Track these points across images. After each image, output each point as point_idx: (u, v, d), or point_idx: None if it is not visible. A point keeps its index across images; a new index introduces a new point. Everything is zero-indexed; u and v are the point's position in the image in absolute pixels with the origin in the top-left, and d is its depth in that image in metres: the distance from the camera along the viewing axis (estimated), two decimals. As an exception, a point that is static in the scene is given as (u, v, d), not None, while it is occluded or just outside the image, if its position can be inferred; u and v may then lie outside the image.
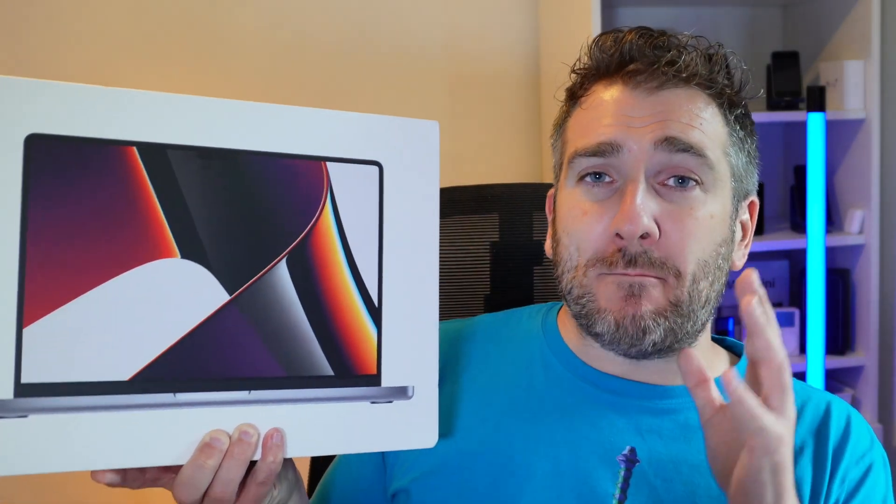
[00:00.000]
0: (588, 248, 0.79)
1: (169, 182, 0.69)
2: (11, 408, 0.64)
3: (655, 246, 0.76)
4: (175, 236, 0.69)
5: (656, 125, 0.78)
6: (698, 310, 0.79)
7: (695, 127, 0.78)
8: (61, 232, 0.66)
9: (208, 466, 0.68)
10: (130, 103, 0.68)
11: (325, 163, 0.74)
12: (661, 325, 0.77)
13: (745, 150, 0.83)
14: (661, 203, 0.77)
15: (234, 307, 0.70)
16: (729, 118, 0.82)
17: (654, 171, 0.78)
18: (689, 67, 0.79)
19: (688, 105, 0.79)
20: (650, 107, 0.78)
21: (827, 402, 0.86)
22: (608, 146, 0.78)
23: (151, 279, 0.68)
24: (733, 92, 0.82)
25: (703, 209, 0.78)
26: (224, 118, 0.71)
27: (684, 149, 0.77)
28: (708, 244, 0.78)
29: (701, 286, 0.78)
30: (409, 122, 0.77)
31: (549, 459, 0.80)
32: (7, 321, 0.64)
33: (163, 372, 0.68)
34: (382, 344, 0.75)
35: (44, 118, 0.65)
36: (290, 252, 0.72)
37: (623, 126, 0.78)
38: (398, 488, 0.85)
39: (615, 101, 0.80)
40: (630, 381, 0.83)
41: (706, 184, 0.78)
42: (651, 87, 0.79)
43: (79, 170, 0.66)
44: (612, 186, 0.79)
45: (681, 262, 0.77)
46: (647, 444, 0.80)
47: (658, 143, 0.77)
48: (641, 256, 0.76)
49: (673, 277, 0.77)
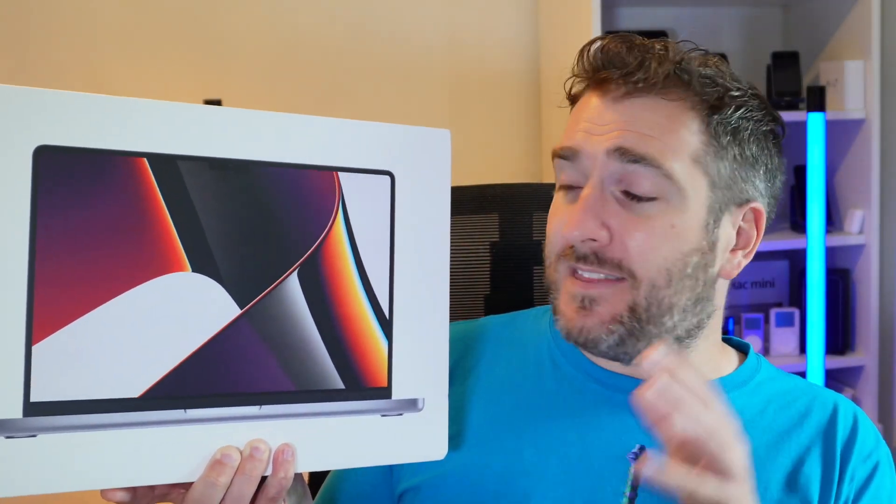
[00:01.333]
0: (553, 246, 0.81)
1: (180, 194, 0.67)
2: (20, 427, 0.62)
3: (608, 248, 0.77)
4: (186, 250, 0.67)
5: (612, 134, 0.78)
6: (661, 316, 0.78)
7: (653, 137, 0.77)
8: (71, 246, 0.64)
9: (220, 483, 0.67)
10: (140, 113, 0.66)
11: (337, 173, 0.73)
12: (615, 332, 0.78)
13: (731, 156, 0.81)
14: (618, 211, 0.78)
15: (245, 321, 0.69)
16: (707, 125, 0.80)
17: (615, 179, 0.78)
18: (652, 77, 0.78)
19: (650, 115, 0.78)
20: (611, 116, 0.79)
21: (834, 401, 0.86)
22: (569, 150, 0.80)
23: (162, 294, 0.67)
24: (716, 98, 0.80)
25: (661, 219, 0.77)
26: (235, 128, 0.69)
27: (635, 160, 0.77)
28: (670, 253, 0.78)
29: (662, 294, 0.78)
30: (420, 131, 0.77)
31: (560, 458, 0.81)
32: (16, 338, 0.62)
33: (174, 388, 0.67)
34: (393, 356, 0.74)
35: (53, 129, 0.64)
36: (301, 264, 0.71)
37: (585, 133, 0.80)
38: (406, 487, 0.85)
39: (587, 107, 0.81)
40: (639, 380, 0.82)
41: (666, 195, 0.78)
42: (617, 96, 0.79)
43: (88, 182, 0.65)
44: (580, 191, 0.80)
45: (636, 266, 0.77)
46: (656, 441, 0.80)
47: (610, 152, 0.77)
48: (590, 256, 0.78)
49: (630, 278, 0.77)
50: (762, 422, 0.83)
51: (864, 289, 2.21)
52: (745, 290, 2.39)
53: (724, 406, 0.68)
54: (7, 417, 0.62)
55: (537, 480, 0.80)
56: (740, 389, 0.85)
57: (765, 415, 0.84)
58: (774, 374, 0.88)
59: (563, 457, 0.81)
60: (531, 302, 1.09)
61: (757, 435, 0.82)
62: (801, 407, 0.85)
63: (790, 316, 2.24)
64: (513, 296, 1.10)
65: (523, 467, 0.81)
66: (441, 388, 0.77)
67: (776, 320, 2.24)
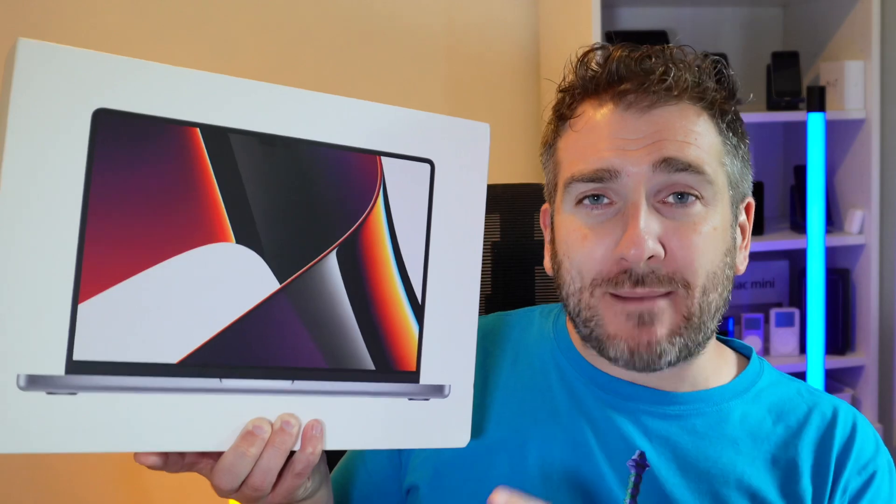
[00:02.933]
0: (590, 271, 0.78)
1: (229, 166, 0.68)
2: (62, 384, 0.63)
3: (662, 264, 0.76)
4: (231, 221, 0.68)
5: (652, 146, 0.77)
6: (708, 321, 0.79)
7: (690, 143, 0.78)
8: (122, 209, 0.65)
9: (250, 454, 0.68)
10: (196, 84, 0.67)
11: (380, 157, 0.74)
12: (676, 345, 0.77)
13: (740, 156, 0.83)
14: (664, 221, 0.77)
15: (283, 296, 0.70)
16: (721, 126, 0.81)
17: (654, 191, 0.77)
18: (680, 83, 0.78)
19: (681, 122, 0.78)
20: (644, 127, 0.78)
21: (834, 407, 0.86)
22: (606, 172, 0.77)
23: (206, 263, 0.67)
24: (723, 99, 0.81)
25: (706, 224, 0.78)
26: (285, 105, 0.70)
27: (682, 168, 0.77)
28: (715, 256, 0.78)
29: (711, 297, 0.78)
30: (461, 123, 0.78)
31: (563, 463, 0.81)
32: (63, 296, 0.63)
33: (210, 357, 0.67)
34: (423, 341, 0.75)
35: (112, 93, 0.64)
36: (340, 244, 0.72)
37: (619, 150, 0.77)
38: (412, 483, 0.85)
39: (608, 123, 0.79)
40: (638, 386, 0.83)
41: (706, 198, 0.78)
42: (643, 107, 0.78)
43: (143, 147, 0.65)
44: (613, 208, 0.78)
45: (689, 275, 0.77)
46: (656, 449, 0.80)
47: (657, 165, 0.76)
48: (649, 276, 0.76)
49: (682, 288, 0.76)
50: (761, 432, 0.83)
51: (864, 289, 2.21)
52: (745, 290, 2.39)
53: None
54: (50, 374, 0.63)
55: (541, 482, 0.80)
56: (741, 397, 0.85)
57: (764, 424, 0.84)
58: (776, 379, 0.88)
59: (565, 461, 0.81)
60: (532, 302, 1.09)
61: (758, 445, 0.82)
62: (800, 415, 0.85)
63: (790, 316, 2.24)
64: (514, 296, 1.10)
65: (527, 469, 0.81)
66: (467, 376, 0.77)
67: (776, 320, 2.24)
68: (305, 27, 2.26)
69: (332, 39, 2.28)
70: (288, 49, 2.26)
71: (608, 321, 0.78)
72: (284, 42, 2.26)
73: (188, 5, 2.22)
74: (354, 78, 2.28)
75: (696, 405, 0.82)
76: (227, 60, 2.24)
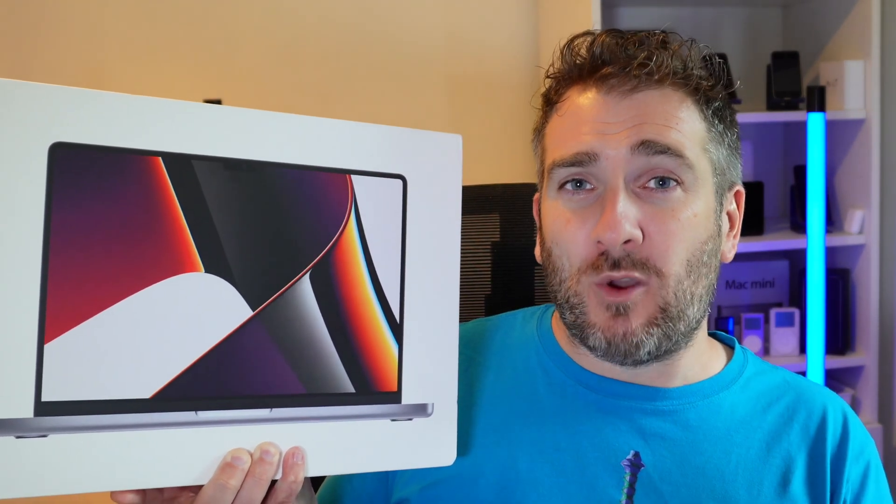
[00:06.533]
0: (576, 256, 0.78)
1: (194, 193, 0.67)
2: (31, 427, 0.62)
3: (639, 248, 0.76)
4: (199, 250, 0.67)
5: (632, 129, 0.77)
6: (686, 309, 0.78)
7: (671, 127, 0.77)
8: (85, 244, 0.63)
9: (230, 486, 0.67)
10: (156, 112, 0.66)
11: (350, 176, 0.73)
12: (654, 335, 0.77)
13: (726, 143, 0.82)
14: (643, 206, 0.77)
15: (257, 323, 0.69)
16: (706, 113, 0.81)
17: (634, 176, 0.77)
18: (662, 68, 0.78)
19: (663, 106, 0.78)
20: (625, 111, 0.78)
21: (822, 403, 0.86)
22: (585, 156, 0.78)
23: (175, 294, 0.66)
24: (709, 86, 0.81)
25: (685, 209, 0.77)
26: (249, 129, 0.69)
27: (661, 150, 0.76)
28: (692, 243, 0.78)
29: (685, 285, 0.77)
30: (432, 136, 0.77)
31: (554, 467, 0.80)
32: (28, 337, 0.62)
33: (185, 390, 0.66)
34: (403, 360, 0.74)
35: (69, 126, 0.63)
36: (313, 266, 0.71)
37: (599, 134, 0.77)
38: (401, 498, 0.84)
39: (590, 107, 0.79)
40: (629, 384, 0.83)
41: (686, 183, 0.78)
42: (624, 91, 0.78)
43: (103, 180, 0.64)
44: (594, 193, 0.78)
45: (663, 262, 0.76)
46: (650, 447, 0.80)
47: (635, 148, 0.76)
48: (625, 259, 0.76)
49: (656, 278, 0.76)
50: (753, 421, 0.83)
51: (864, 289, 2.21)
52: (745, 290, 2.39)
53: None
54: (18, 417, 0.62)
55: (531, 489, 0.80)
56: (730, 388, 0.85)
57: (755, 413, 0.84)
58: (761, 367, 0.89)
59: (557, 465, 0.80)
60: (531, 302, 1.09)
61: (750, 434, 0.82)
62: (788, 403, 0.85)
63: (790, 316, 2.24)
64: (513, 296, 1.10)
65: (517, 476, 0.80)
66: (450, 393, 0.76)
67: (776, 320, 2.24)
68: (306, 31, 2.26)
69: (333, 42, 2.28)
70: (288, 51, 2.26)
71: (591, 310, 0.78)
72: (285, 46, 2.26)
73: (189, 10, 2.22)
74: (355, 81, 2.28)
75: (687, 399, 0.83)
76: (227, 59, 2.24)
